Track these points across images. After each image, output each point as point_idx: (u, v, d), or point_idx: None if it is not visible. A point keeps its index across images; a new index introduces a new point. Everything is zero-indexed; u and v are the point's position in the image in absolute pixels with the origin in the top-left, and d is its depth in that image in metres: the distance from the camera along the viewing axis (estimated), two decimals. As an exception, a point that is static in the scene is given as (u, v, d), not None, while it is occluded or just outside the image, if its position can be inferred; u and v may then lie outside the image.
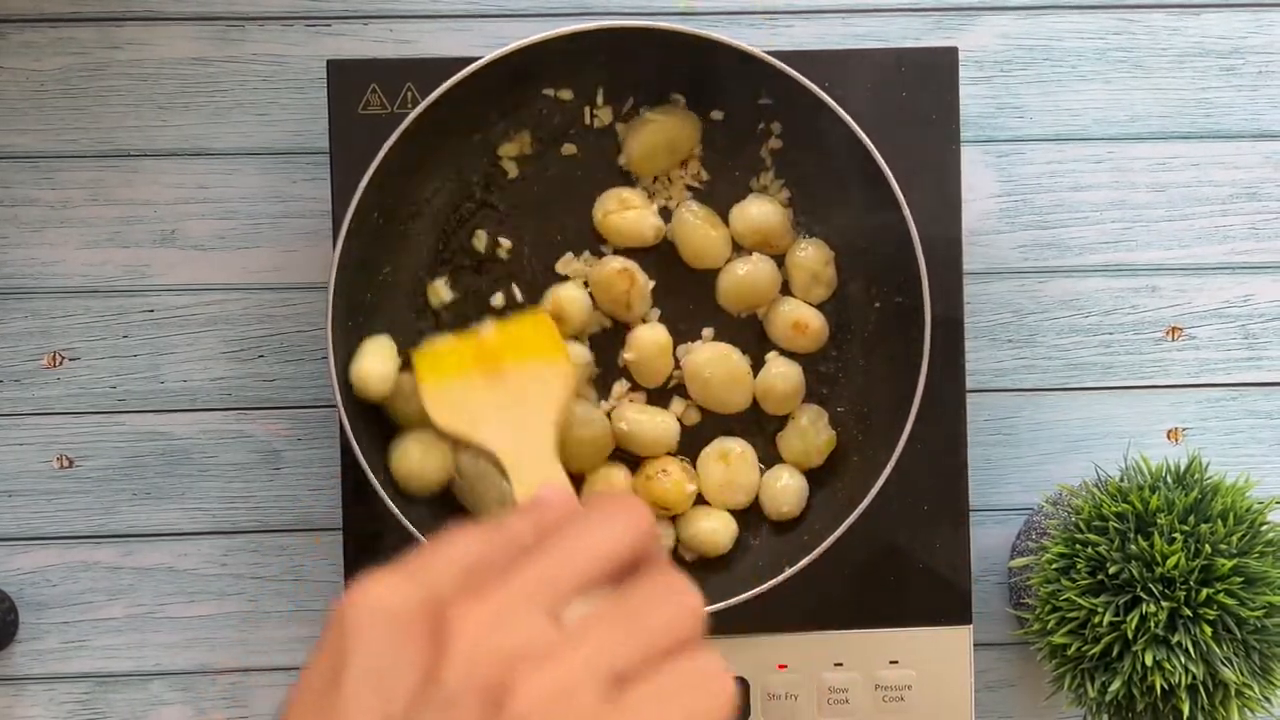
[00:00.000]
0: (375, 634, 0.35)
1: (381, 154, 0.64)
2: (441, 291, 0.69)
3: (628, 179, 0.70)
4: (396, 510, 0.64)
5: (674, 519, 0.69)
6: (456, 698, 0.33)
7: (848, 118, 0.64)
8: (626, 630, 0.35)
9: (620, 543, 0.37)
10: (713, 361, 0.68)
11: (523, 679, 0.33)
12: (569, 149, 0.70)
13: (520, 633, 0.34)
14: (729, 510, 0.69)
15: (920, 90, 0.70)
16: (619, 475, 0.69)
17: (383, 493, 0.64)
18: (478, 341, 0.66)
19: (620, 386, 0.70)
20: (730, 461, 0.69)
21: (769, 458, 0.70)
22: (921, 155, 0.70)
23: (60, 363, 0.73)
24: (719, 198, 0.70)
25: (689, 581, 0.37)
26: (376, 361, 0.66)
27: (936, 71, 0.70)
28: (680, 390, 0.70)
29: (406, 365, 0.66)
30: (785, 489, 0.69)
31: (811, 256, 0.69)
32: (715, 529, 0.69)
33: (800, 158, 0.69)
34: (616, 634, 0.35)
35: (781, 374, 0.69)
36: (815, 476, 0.70)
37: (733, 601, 0.65)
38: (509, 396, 0.61)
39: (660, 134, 0.68)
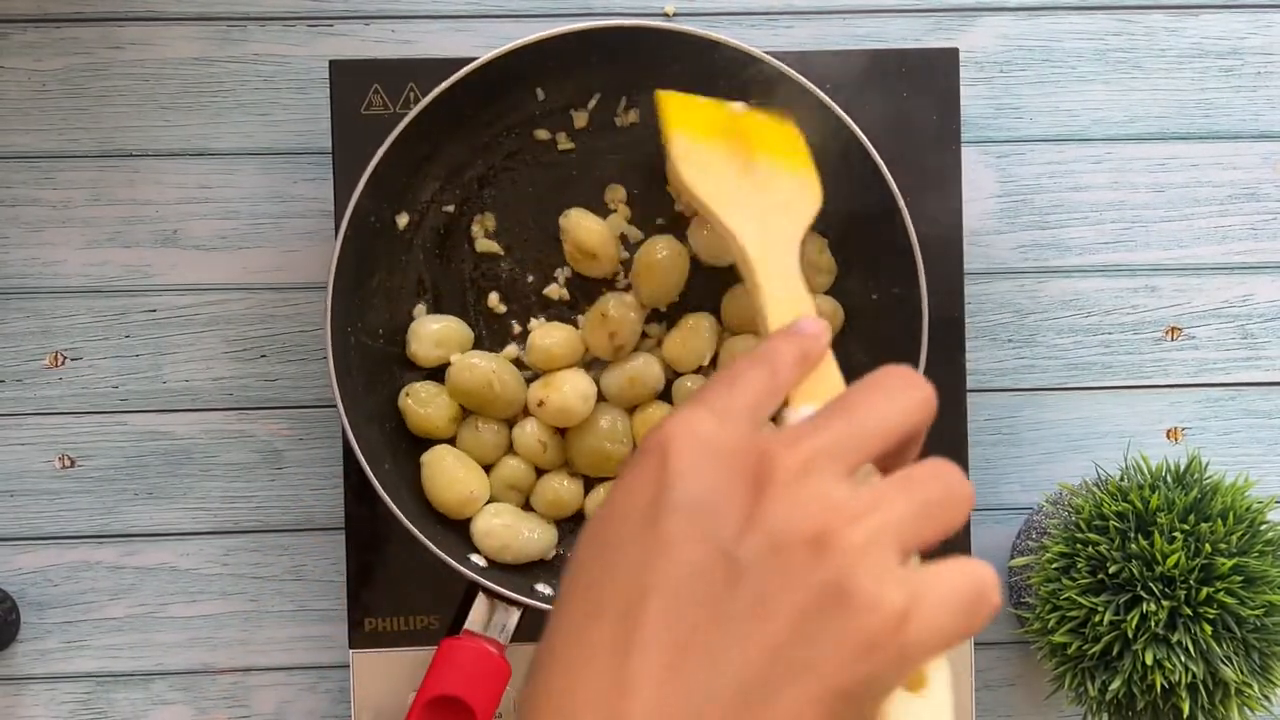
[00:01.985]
0: (701, 468, 0.36)
1: (379, 155, 0.64)
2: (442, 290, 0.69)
3: (626, 179, 0.70)
4: (397, 510, 0.64)
5: None
6: (784, 539, 0.35)
7: (844, 114, 0.65)
8: (920, 504, 0.37)
9: (910, 415, 0.40)
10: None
11: (841, 530, 0.35)
12: (566, 147, 0.70)
13: (833, 486, 0.36)
14: None
15: (920, 91, 0.70)
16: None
17: (383, 493, 0.64)
18: (728, 113, 0.60)
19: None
20: None
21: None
22: (922, 156, 0.70)
23: (62, 362, 0.73)
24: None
25: (960, 469, 0.40)
26: (436, 328, 0.67)
27: (937, 72, 0.70)
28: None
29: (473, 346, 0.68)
30: None
31: (806, 248, 0.69)
32: None
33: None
34: (912, 506, 0.37)
35: None
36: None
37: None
38: (761, 189, 0.55)
39: None
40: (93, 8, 0.73)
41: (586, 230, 0.68)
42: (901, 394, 0.40)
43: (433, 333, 0.68)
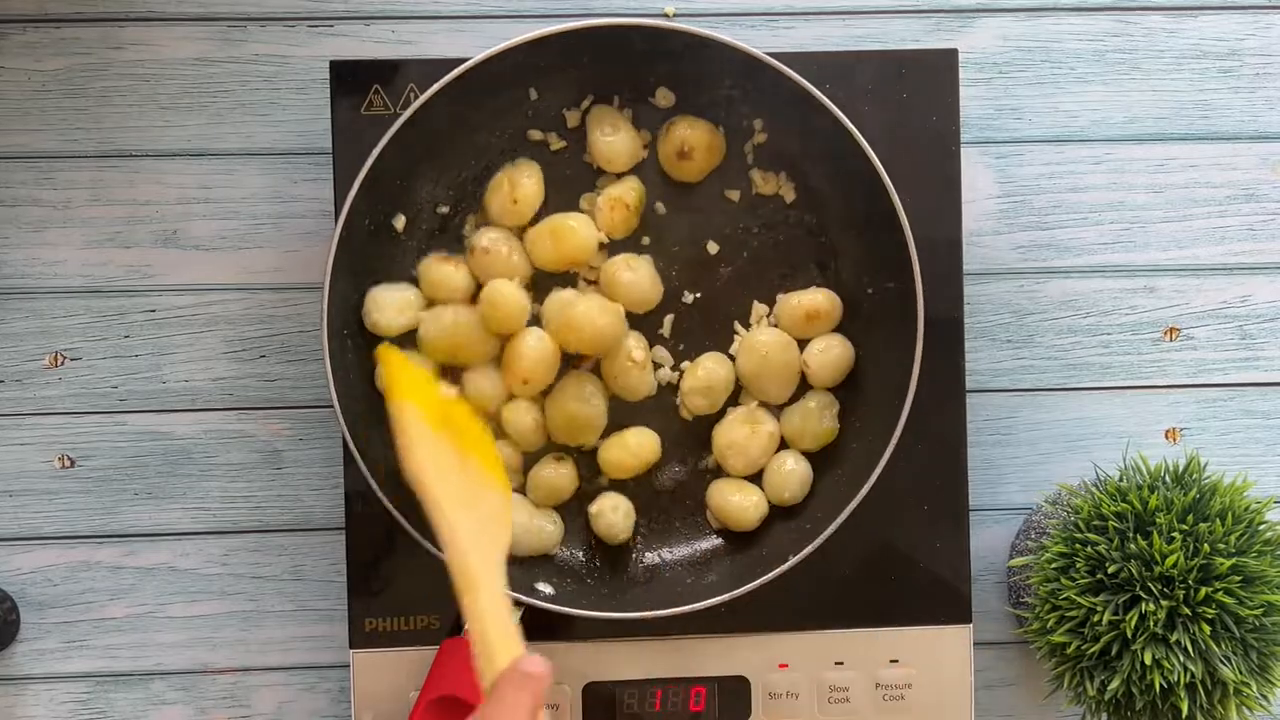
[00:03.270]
0: None
1: (373, 156, 0.64)
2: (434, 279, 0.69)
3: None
4: (396, 511, 0.64)
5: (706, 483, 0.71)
6: None
7: (842, 115, 0.65)
8: None
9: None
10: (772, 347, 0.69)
11: None
12: (558, 146, 0.70)
13: None
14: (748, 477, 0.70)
15: (920, 92, 0.70)
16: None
17: (381, 494, 0.65)
18: (443, 399, 0.62)
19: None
20: (755, 430, 0.69)
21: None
22: (921, 157, 0.70)
23: (62, 363, 0.73)
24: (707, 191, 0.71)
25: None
26: (395, 296, 0.67)
27: (936, 74, 0.70)
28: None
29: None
30: (790, 474, 0.69)
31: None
32: (744, 504, 0.69)
33: (787, 147, 0.70)
34: None
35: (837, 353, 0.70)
36: (816, 466, 0.70)
37: (737, 593, 0.65)
38: (474, 497, 0.58)
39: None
40: (93, 8, 0.73)
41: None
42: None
43: (394, 300, 0.68)
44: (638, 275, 0.68)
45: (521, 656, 0.51)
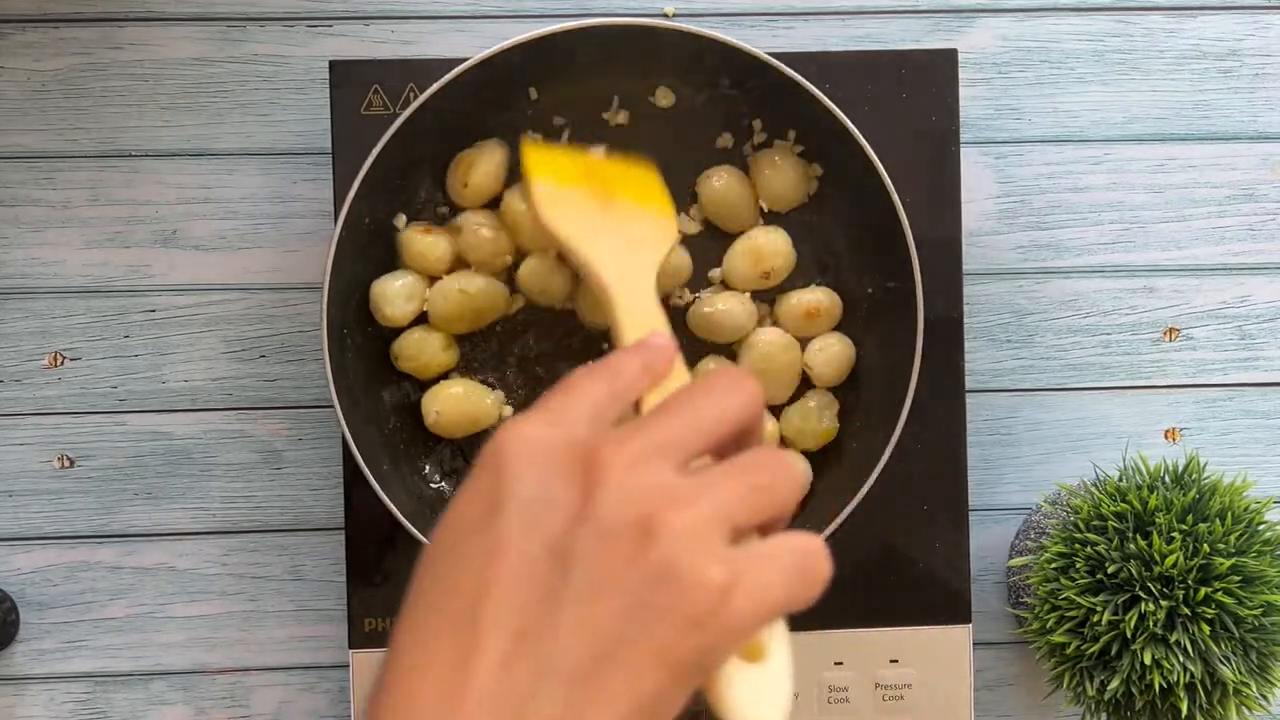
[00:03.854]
0: (533, 469, 0.38)
1: (372, 156, 0.64)
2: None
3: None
4: (396, 510, 0.64)
5: None
6: (612, 528, 0.37)
7: (842, 115, 0.65)
8: (747, 488, 0.39)
9: (737, 412, 0.42)
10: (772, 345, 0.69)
11: (667, 516, 0.37)
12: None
13: (661, 477, 0.38)
14: None
15: (919, 93, 0.70)
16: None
17: (382, 493, 0.65)
18: (587, 160, 0.65)
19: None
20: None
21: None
22: (921, 157, 0.70)
23: (61, 363, 0.73)
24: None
25: (793, 454, 0.41)
26: (398, 285, 0.67)
27: (936, 74, 0.70)
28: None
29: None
30: None
31: (814, 408, 0.70)
32: None
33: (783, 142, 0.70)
34: (739, 489, 0.39)
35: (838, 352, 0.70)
36: (816, 466, 0.70)
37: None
38: (618, 226, 0.60)
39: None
40: (93, 8, 0.73)
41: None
42: (727, 394, 0.42)
43: (399, 289, 0.67)
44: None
45: (652, 331, 0.49)
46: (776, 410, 0.70)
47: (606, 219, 0.60)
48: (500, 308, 0.69)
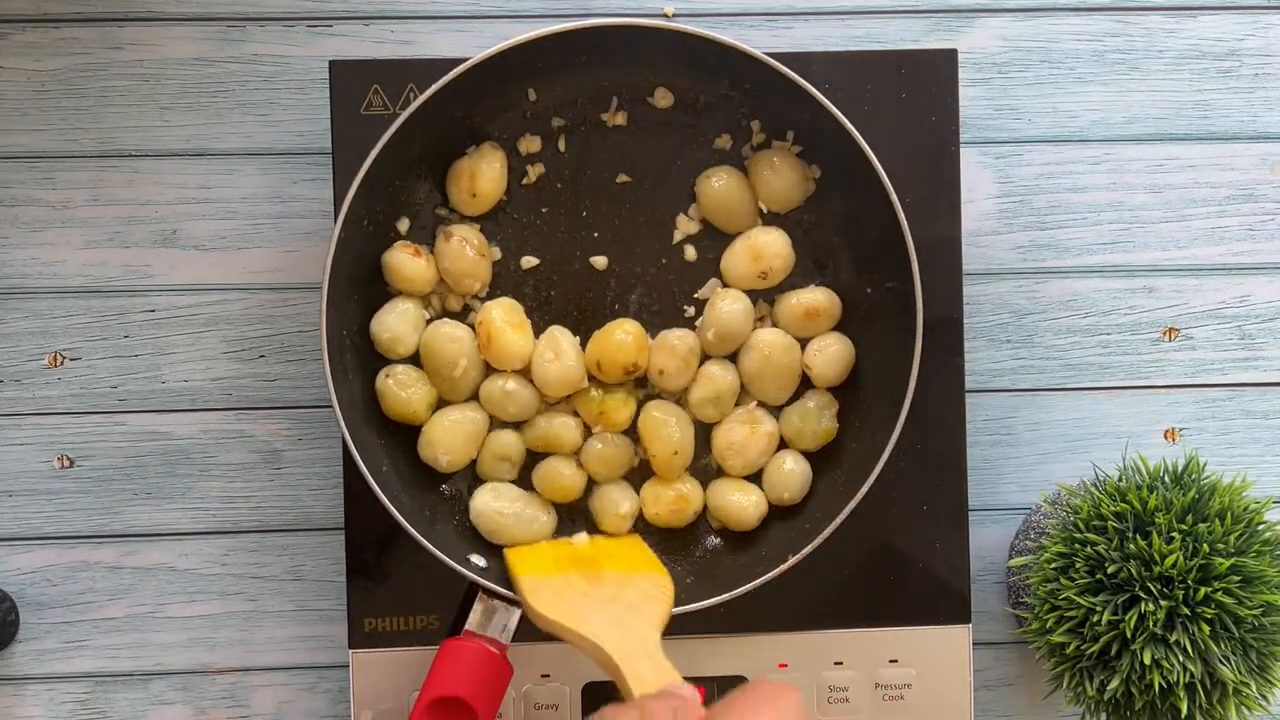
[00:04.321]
0: None
1: (371, 157, 0.64)
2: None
3: (631, 178, 0.70)
4: (396, 511, 0.64)
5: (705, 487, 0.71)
6: None
7: (841, 115, 0.65)
8: None
9: None
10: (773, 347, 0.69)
11: None
12: (564, 148, 0.70)
13: None
14: (747, 477, 0.70)
15: (919, 92, 0.70)
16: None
17: (381, 494, 0.64)
18: (572, 549, 0.67)
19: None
20: (755, 430, 0.69)
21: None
22: (920, 157, 0.70)
23: (61, 363, 0.73)
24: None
25: None
26: (398, 320, 0.67)
27: (936, 74, 0.70)
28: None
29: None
30: (790, 474, 0.69)
31: (813, 410, 0.70)
32: (744, 504, 0.69)
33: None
34: None
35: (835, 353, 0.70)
36: (816, 466, 0.70)
37: (737, 593, 0.65)
38: (611, 597, 0.62)
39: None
40: (92, 8, 0.73)
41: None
42: None
43: (399, 321, 0.67)
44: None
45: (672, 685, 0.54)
46: (776, 410, 0.70)
47: (598, 593, 0.62)
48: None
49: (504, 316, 0.68)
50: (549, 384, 0.68)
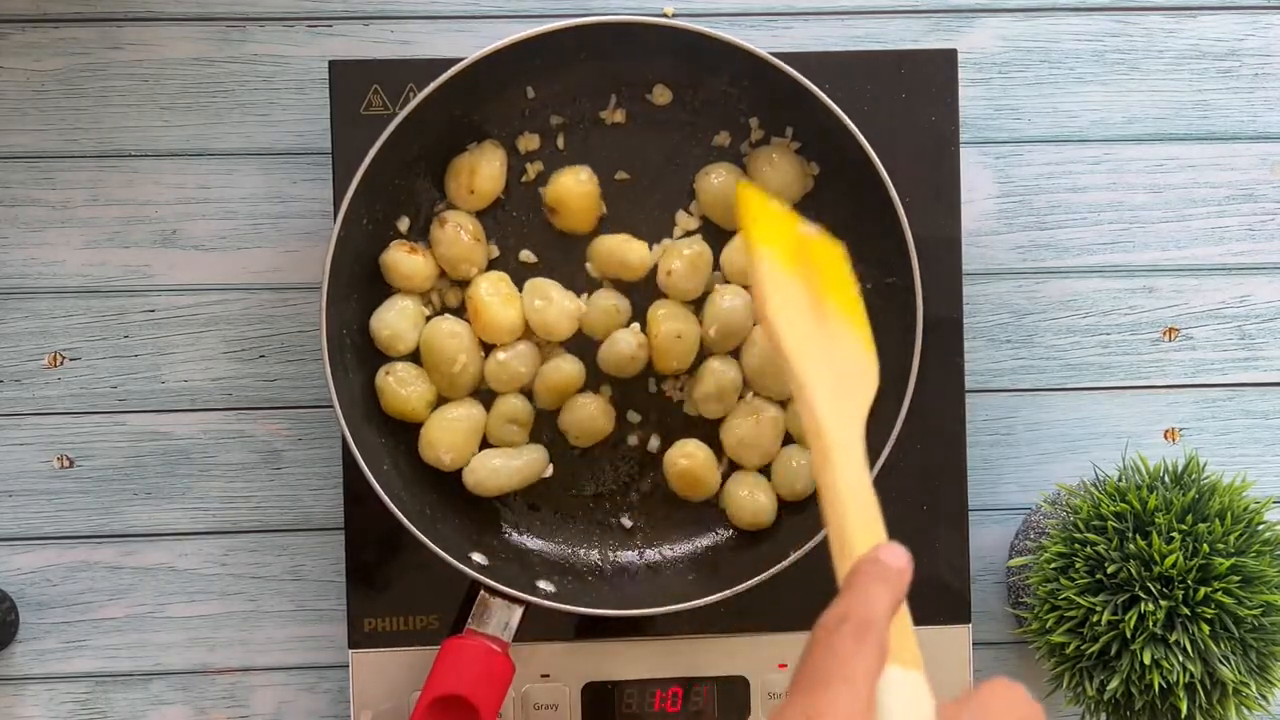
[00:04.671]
0: None
1: (370, 156, 0.64)
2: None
3: (630, 176, 0.70)
4: (396, 510, 0.64)
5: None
6: None
7: (842, 114, 0.65)
8: None
9: None
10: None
11: None
12: (563, 145, 0.70)
13: None
14: (759, 469, 0.70)
15: (919, 92, 0.70)
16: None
17: (382, 493, 0.65)
18: (800, 236, 0.58)
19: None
20: (759, 419, 0.69)
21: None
22: (920, 157, 0.70)
23: (61, 363, 0.73)
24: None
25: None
26: (398, 317, 0.67)
27: (936, 74, 0.70)
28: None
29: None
30: (800, 469, 0.69)
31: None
32: (759, 504, 0.69)
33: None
34: None
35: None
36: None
37: (737, 589, 0.65)
38: (831, 347, 0.54)
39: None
40: (92, 8, 0.73)
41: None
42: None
43: (400, 318, 0.68)
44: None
45: (882, 544, 0.46)
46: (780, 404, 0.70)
47: (823, 334, 0.54)
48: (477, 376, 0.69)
49: (490, 289, 0.68)
50: (549, 328, 0.68)
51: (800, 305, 0.54)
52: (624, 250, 0.68)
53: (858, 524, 0.47)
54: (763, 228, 0.56)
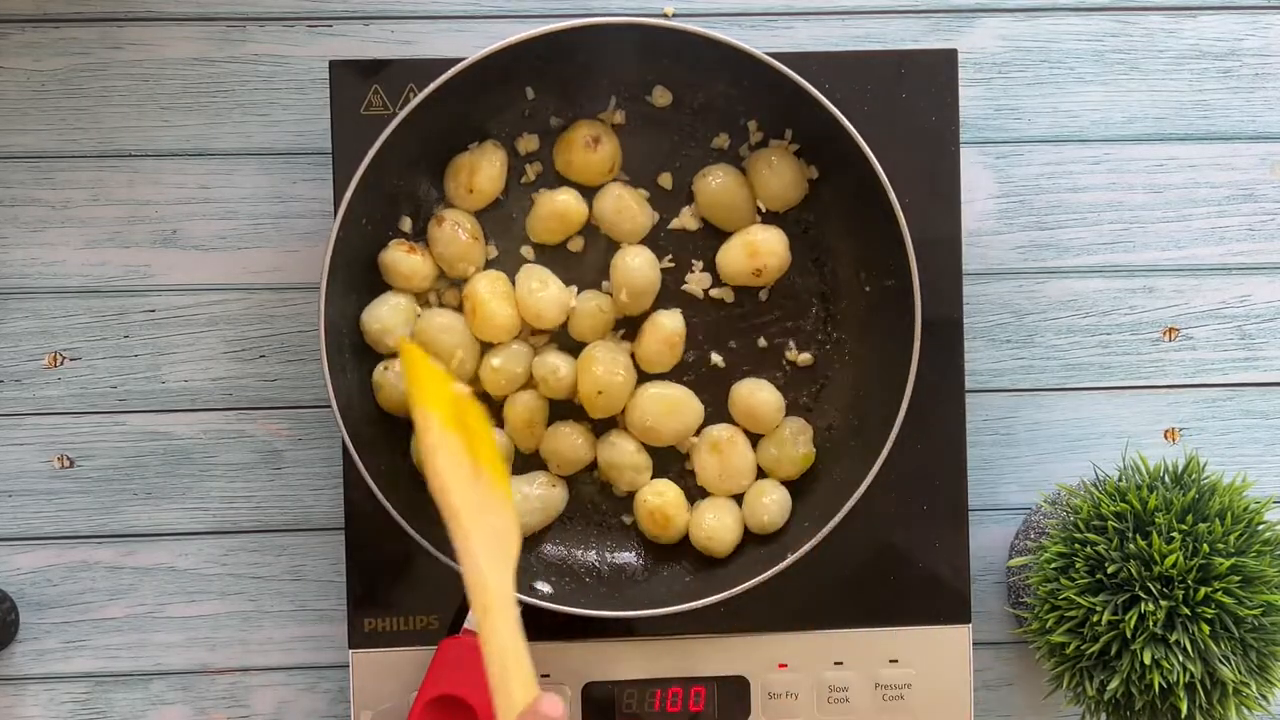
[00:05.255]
0: None
1: (369, 156, 0.64)
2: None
3: (629, 177, 0.70)
4: (394, 511, 0.64)
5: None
6: None
7: (841, 115, 0.65)
8: None
9: None
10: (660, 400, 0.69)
11: None
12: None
13: None
14: (732, 496, 0.70)
15: (919, 92, 0.70)
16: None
17: (380, 494, 0.64)
18: (455, 395, 0.62)
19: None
20: (722, 450, 0.69)
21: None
22: (921, 157, 0.70)
23: (61, 363, 0.73)
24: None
25: None
26: (390, 312, 0.67)
27: (936, 74, 0.70)
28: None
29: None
30: (770, 503, 0.69)
31: (789, 435, 0.70)
32: (716, 528, 0.69)
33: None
34: None
35: (763, 400, 0.69)
36: (816, 465, 0.70)
37: (736, 590, 0.65)
38: (484, 504, 0.58)
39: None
40: (92, 8, 0.73)
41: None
42: None
43: (392, 314, 0.67)
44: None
45: (539, 696, 0.51)
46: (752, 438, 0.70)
47: (478, 493, 0.58)
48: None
49: (489, 286, 0.68)
50: (540, 315, 0.68)
51: (461, 463, 0.58)
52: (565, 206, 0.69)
53: (517, 677, 0.52)
54: (425, 388, 0.60)
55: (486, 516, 0.57)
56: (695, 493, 0.70)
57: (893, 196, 0.65)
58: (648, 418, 0.68)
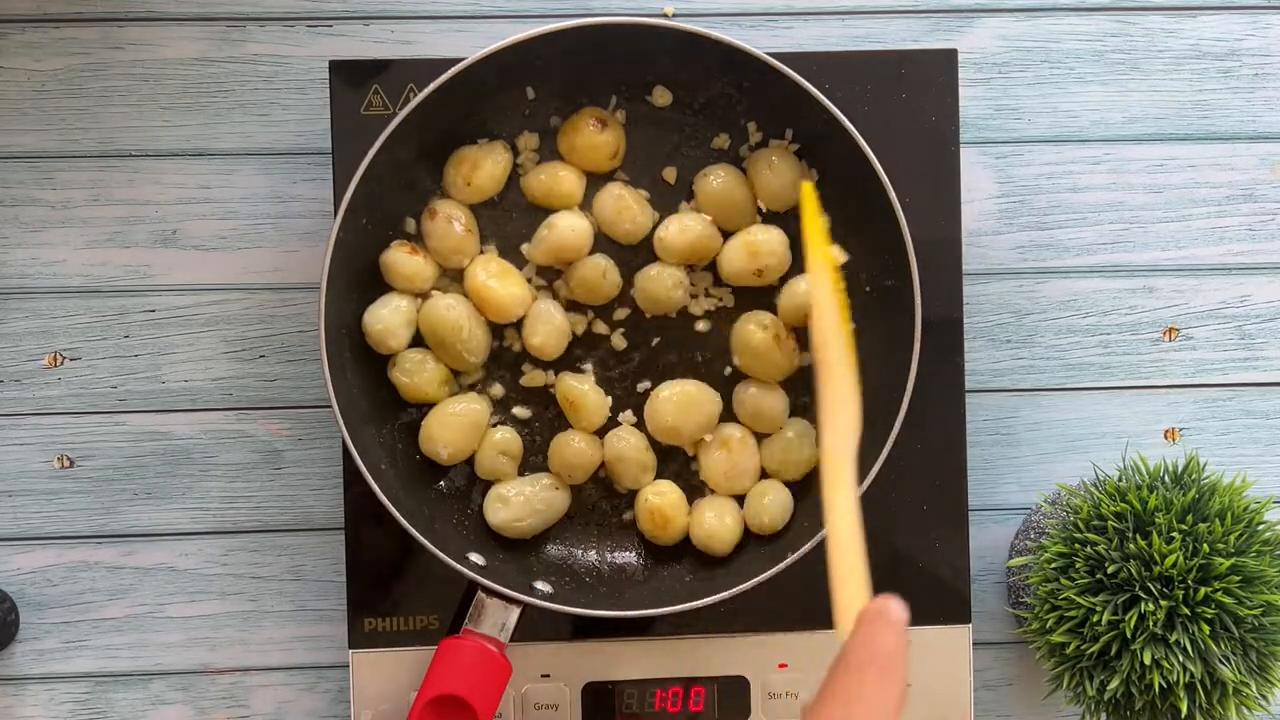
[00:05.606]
0: None
1: (369, 156, 0.64)
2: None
3: (629, 176, 0.70)
4: (395, 511, 0.64)
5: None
6: None
7: (841, 115, 0.65)
8: None
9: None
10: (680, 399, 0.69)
11: None
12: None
13: None
14: (735, 496, 0.70)
15: (919, 92, 0.70)
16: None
17: (382, 495, 0.64)
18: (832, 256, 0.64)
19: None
20: (732, 448, 0.69)
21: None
22: (920, 157, 0.70)
23: (61, 363, 0.73)
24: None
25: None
26: (392, 313, 0.67)
27: (936, 74, 0.70)
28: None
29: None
30: (771, 504, 0.69)
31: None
32: (717, 527, 0.69)
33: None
34: None
35: (770, 402, 0.69)
36: (812, 472, 0.70)
37: (736, 590, 0.65)
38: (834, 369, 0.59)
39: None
40: (93, 8, 0.73)
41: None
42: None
43: (394, 316, 0.67)
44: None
45: (886, 597, 0.52)
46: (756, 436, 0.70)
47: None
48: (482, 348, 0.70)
49: (485, 271, 0.68)
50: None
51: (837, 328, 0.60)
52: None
53: (857, 576, 0.55)
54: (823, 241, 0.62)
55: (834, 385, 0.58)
56: (696, 492, 0.70)
57: (893, 196, 0.65)
58: (668, 417, 0.68)
